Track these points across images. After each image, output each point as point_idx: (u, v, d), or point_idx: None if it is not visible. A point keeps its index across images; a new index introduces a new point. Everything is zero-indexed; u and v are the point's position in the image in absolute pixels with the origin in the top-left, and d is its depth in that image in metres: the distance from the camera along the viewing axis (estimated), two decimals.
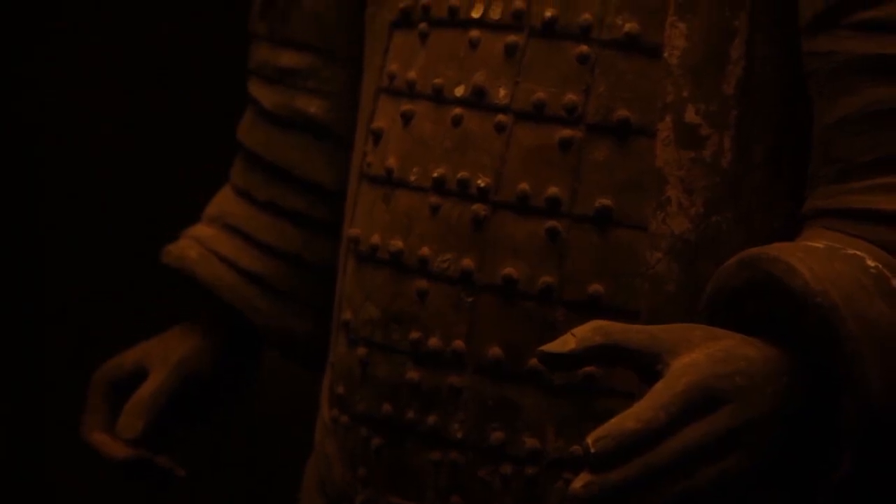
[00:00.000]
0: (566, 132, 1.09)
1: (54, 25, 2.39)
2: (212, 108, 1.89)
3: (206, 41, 2.32)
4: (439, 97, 1.14)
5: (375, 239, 1.16)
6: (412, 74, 1.16)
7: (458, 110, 1.13)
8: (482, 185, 1.11)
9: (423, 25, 1.16)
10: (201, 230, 1.34)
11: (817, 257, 0.95)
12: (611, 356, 0.93)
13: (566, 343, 0.92)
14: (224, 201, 1.35)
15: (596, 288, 1.08)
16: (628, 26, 1.08)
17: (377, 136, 1.19)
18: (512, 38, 1.11)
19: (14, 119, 2.38)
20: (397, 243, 1.14)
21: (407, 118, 1.16)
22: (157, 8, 2.45)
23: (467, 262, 1.11)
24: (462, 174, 1.12)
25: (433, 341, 1.12)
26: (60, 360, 2.39)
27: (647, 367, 0.93)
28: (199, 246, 1.32)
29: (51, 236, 2.40)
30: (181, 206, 1.39)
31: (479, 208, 1.11)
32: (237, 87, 1.38)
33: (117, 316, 2.22)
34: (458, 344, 1.11)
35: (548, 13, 1.10)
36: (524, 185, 1.09)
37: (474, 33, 1.13)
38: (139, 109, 2.36)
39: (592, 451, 0.88)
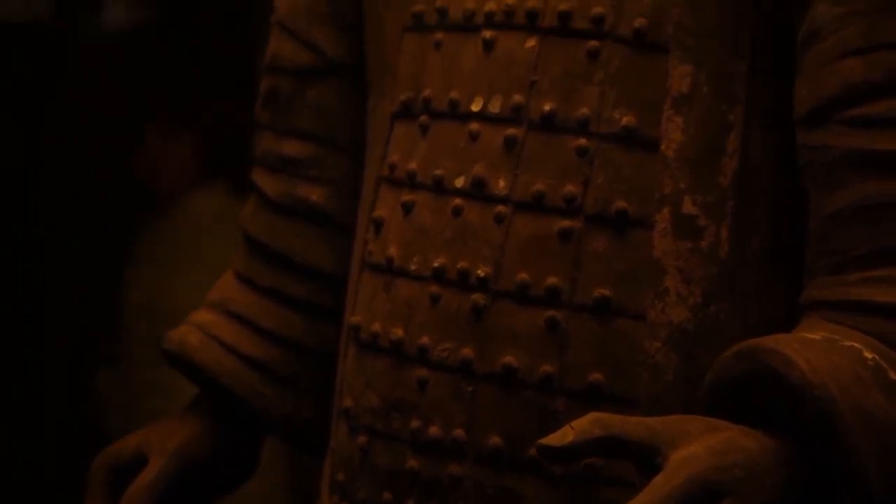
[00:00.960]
0: (565, 223, 1.10)
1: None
2: None
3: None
4: (440, 188, 1.15)
5: (376, 327, 1.17)
6: (413, 165, 1.17)
7: (458, 201, 1.14)
8: (482, 274, 1.12)
9: (423, 118, 1.18)
10: (203, 316, 1.35)
11: (815, 349, 0.96)
12: (609, 449, 0.94)
13: (565, 436, 0.93)
14: (226, 287, 1.36)
15: (596, 377, 1.09)
16: (626, 120, 1.10)
17: (378, 225, 1.20)
18: (511, 130, 1.13)
19: None
20: (398, 332, 1.15)
21: (408, 208, 1.17)
22: None
23: (467, 352, 1.12)
24: (462, 264, 1.13)
25: (433, 430, 1.13)
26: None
27: (646, 459, 0.94)
28: (200, 332, 1.33)
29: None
30: None
31: (478, 298, 1.12)
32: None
33: None
34: (459, 433, 1.12)
35: (546, 107, 1.11)
36: (524, 275, 1.11)
37: (474, 126, 1.14)
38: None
39: None
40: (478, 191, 1.13)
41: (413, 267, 1.16)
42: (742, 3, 1.07)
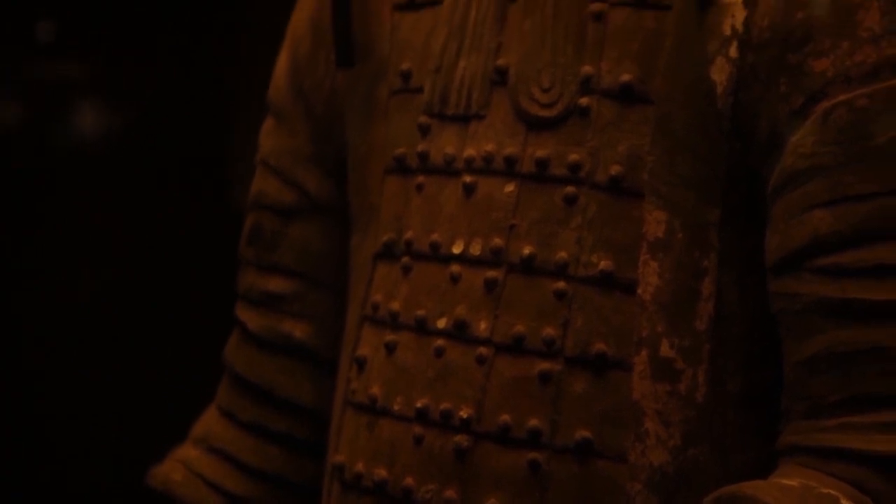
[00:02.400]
0: (545, 365, 1.12)
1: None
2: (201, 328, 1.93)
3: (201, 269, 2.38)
4: (422, 328, 1.18)
5: (360, 467, 1.19)
6: (395, 305, 1.20)
7: (440, 342, 1.16)
8: (464, 416, 1.14)
9: (405, 259, 1.20)
10: (186, 452, 1.36)
11: (793, 496, 0.99)
12: None
13: None
14: (210, 421, 1.38)
15: None
16: (603, 264, 1.12)
17: (361, 364, 1.22)
18: (491, 273, 1.15)
19: None
20: (381, 472, 1.17)
21: (390, 348, 1.19)
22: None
23: (450, 493, 1.13)
24: (445, 405, 1.15)
25: None
26: None
27: None
28: (184, 468, 1.34)
29: None
30: (170, 432, 1.41)
31: (461, 439, 1.14)
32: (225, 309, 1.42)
33: None
34: None
35: (526, 251, 1.14)
36: (505, 417, 1.13)
37: (455, 268, 1.17)
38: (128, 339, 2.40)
39: None
40: (459, 332, 1.15)
41: (396, 407, 1.17)
42: (714, 154, 1.10)
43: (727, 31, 1.09)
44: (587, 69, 1.13)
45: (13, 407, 2.67)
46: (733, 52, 1.09)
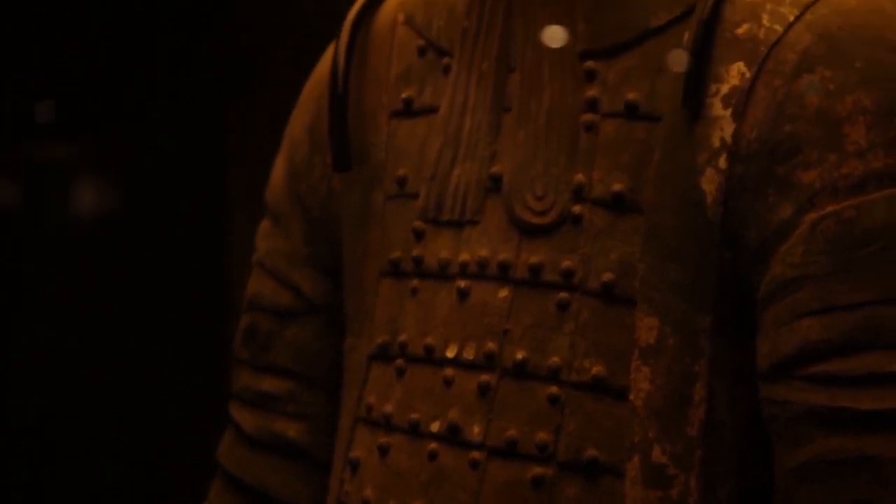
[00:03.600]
0: (538, 470, 1.13)
1: None
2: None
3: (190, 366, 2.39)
4: (415, 431, 1.19)
5: None
6: (389, 408, 1.21)
7: (433, 445, 1.17)
8: None
9: (399, 361, 1.22)
10: None
11: None
12: None
13: None
14: None
15: None
16: (595, 369, 1.14)
17: (354, 466, 1.23)
18: (485, 377, 1.17)
19: None
20: None
21: (384, 450, 1.20)
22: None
23: None
24: None
25: None
26: None
27: None
28: None
29: None
30: None
31: None
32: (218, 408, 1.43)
33: None
34: None
35: (519, 355, 1.15)
36: None
37: (449, 371, 1.18)
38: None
39: None
40: (453, 436, 1.16)
41: None
42: (705, 262, 1.12)
43: (716, 143, 1.12)
44: (579, 178, 1.15)
45: None
46: (722, 163, 1.11)
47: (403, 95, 1.26)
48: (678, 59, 1.14)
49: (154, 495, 2.67)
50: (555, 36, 1.19)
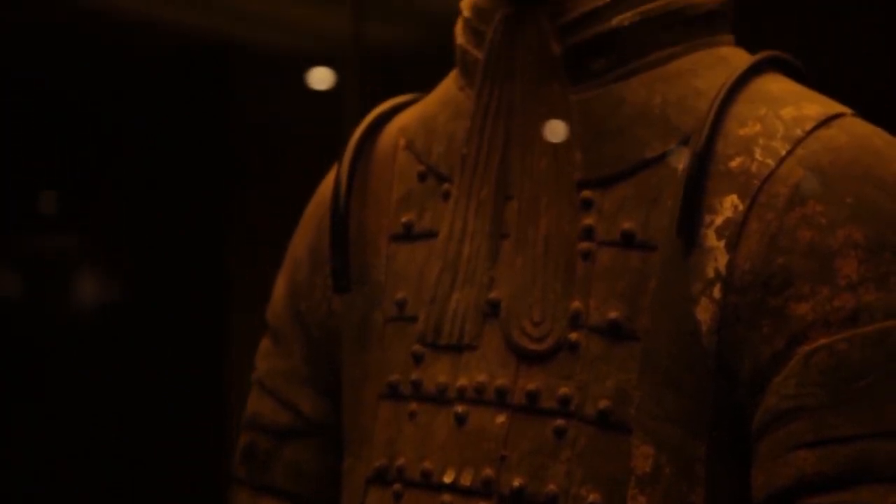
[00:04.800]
0: None
1: None
2: None
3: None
4: None
5: None
6: None
7: None
8: None
9: (397, 486, 1.23)
10: None
11: None
12: None
13: None
14: None
15: None
16: (592, 497, 1.14)
17: None
18: (482, 503, 1.18)
19: None
20: None
21: None
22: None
23: None
24: None
25: None
26: None
27: None
28: None
29: None
30: None
31: None
32: None
33: None
34: None
35: (516, 482, 1.16)
36: None
37: (446, 497, 1.19)
38: None
39: None
40: None
41: None
42: (700, 391, 1.13)
43: (711, 274, 1.13)
44: (576, 305, 1.17)
45: None
46: (717, 293, 1.13)
47: (403, 219, 1.28)
48: (672, 191, 1.16)
49: None
50: (555, 131, 1.21)
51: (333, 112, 2.76)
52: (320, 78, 2.93)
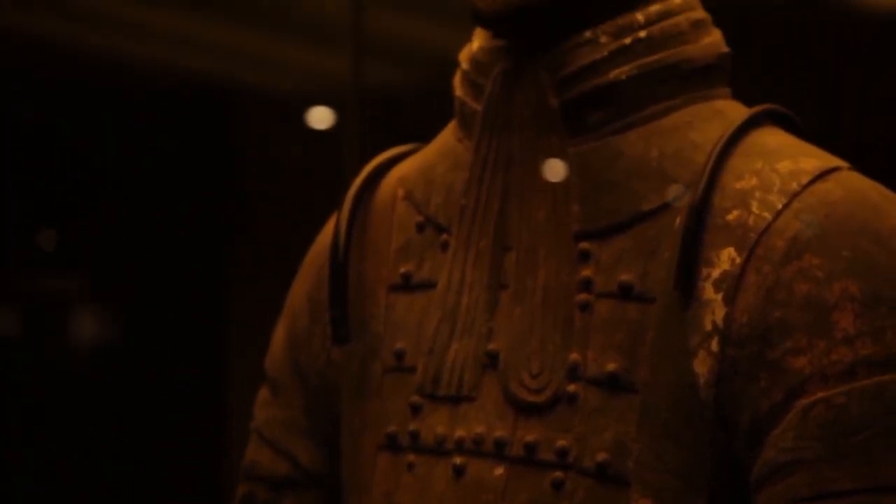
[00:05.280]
0: None
1: None
2: None
3: None
4: None
5: None
6: None
7: None
8: None
9: None
10: None
11: None
12: None
13: None
14: None
15: None
16: None
17: None
18: None
19: None
20: None
21: None
22: None
23: None
24: None
25: None
26: None
27: None
28: None
29: None
30: None
31: None
32: None
33: None
34: None
35: None
36: None
37: None
38: None
39: None
40: None
41: None
42: (699, 443, 1.14)
43: (708, 326, 1.14)
44: (574, 357, 1.17)
45: None
46: (715, 346, 1.13)
47: (402, 270, 1.28)
48: (670, 244, 1.17)
49: None
50: (553, 170, 1.22)
51: (333, 152, 2.77)
52: (320, 118, 2.95)
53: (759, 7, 2.37)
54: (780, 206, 1.14)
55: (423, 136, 1.37)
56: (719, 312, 1.14)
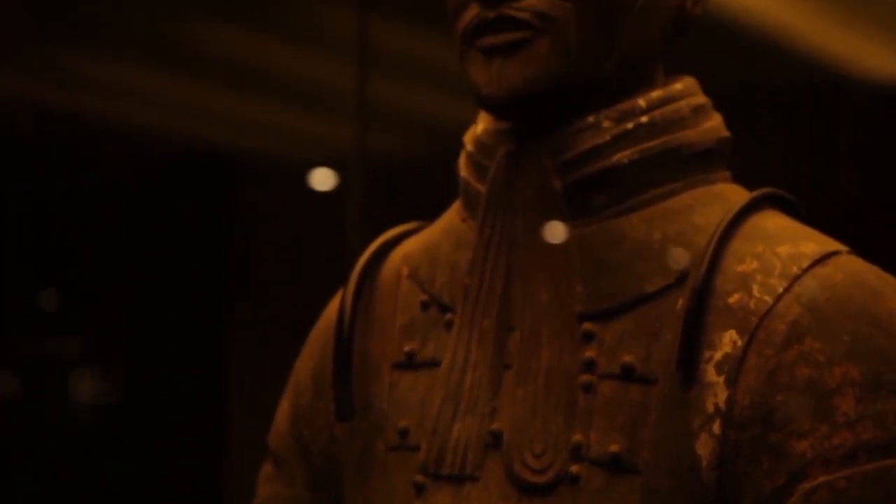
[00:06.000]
0: None
1: None
2: None
3: None
4: None
5: None
6: None
7: None
8: None
9: None
10: None
11: None
12: None
13: None
14: None
15: None
16: None
17: None
18: None
19: None
20: None
21: None
22: None
23: None
24: None
25: None
26: None
27: None
28: None
29: None
30: None
31: None
32: None
33: None
34: None
35: None
36: None
37: None
38: None
39: None
40: None
41: None
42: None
43: (710, 409, 1.15)
44: (577, 438, 1.18)
45: None
46: (717, 428, 1.14)
47: (406, 348, 1.29)
48: (672, 326, 1.18)
49: None
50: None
51: (335, 216, 2.79)
52: (322, 180, 2.97)
53: (762, 76, 2.40)
54: (780, 290, 1.16)
55: (423, 201, 1.38)
56: (721, 395, 1.15)
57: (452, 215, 1.32)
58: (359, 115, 2.69)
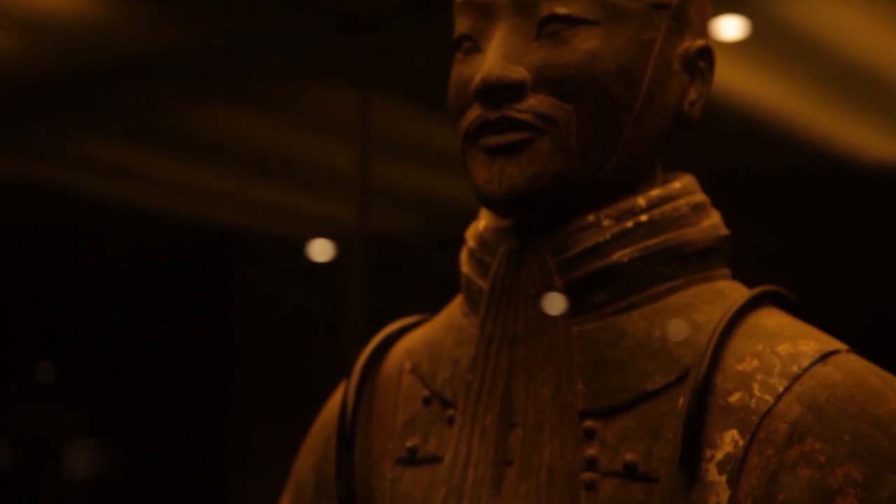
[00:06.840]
0: None
1: None
2: None
3: None
4: None
5: None
6: None
7: None
8: None
9: None
10: None
11: None
12: None
13: None
14: None
15: None
16: None
17: None
18: None
19: None
20: None
21: None
22: None
23: None
24: None
25: None
26: None
27: None
28: None
29: None
30: None
31: None
32: None
33: None
34: None
35: None
36: None
37: None
38: None
39: None
40: None
41: None
42: None
43: None
44: None
45: None
46: None
47: (408, 444, 1.30)
48: (673, 424, 1.18)
49: None
50: (553, 305, 1.23)
51: (335, 289, 2.79)
52: (321, 250, 2.98)
53: (768, 162, 2.41)
54: (781, 390, 1.16)
55: (421, 276, 1.39)
56: (724, 494, 1.15)
57: (454, 310, 1.33)
58: (360, 192, 2.70)
